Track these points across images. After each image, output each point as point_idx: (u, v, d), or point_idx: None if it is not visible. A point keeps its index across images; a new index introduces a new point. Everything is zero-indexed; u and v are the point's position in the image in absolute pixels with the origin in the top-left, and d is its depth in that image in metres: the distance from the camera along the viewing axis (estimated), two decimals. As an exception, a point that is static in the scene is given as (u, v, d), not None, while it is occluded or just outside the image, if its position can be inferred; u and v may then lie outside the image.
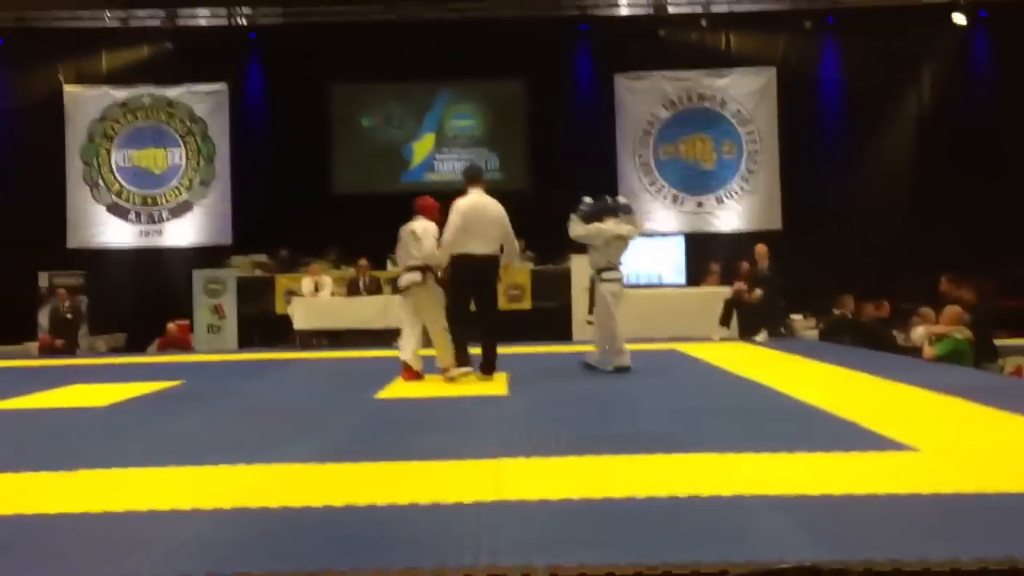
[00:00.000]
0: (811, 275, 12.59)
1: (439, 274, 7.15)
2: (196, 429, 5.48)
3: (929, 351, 8.36)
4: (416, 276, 7.16)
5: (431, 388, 6.73)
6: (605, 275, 7.56)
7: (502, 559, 2.73)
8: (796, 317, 12.55)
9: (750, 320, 10.76)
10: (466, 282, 7.05)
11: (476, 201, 7.08)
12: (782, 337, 10.98)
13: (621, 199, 8.18)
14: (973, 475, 3.65)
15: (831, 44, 14.53)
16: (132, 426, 5.67)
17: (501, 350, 7.87)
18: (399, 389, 6.79)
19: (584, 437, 4.61)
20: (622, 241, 7.62)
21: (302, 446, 4.65)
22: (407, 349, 7.28)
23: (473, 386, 6.78)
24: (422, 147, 14.97)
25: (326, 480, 3.85)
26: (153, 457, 4.38)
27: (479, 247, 6.96)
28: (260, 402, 6.62)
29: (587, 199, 7.85)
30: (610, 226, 7.53)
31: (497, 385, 6.84)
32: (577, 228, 7.55)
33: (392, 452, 4.37)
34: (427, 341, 7.40)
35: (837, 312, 11.02)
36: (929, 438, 4.37)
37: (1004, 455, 4.05)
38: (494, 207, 7.12)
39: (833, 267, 12.62)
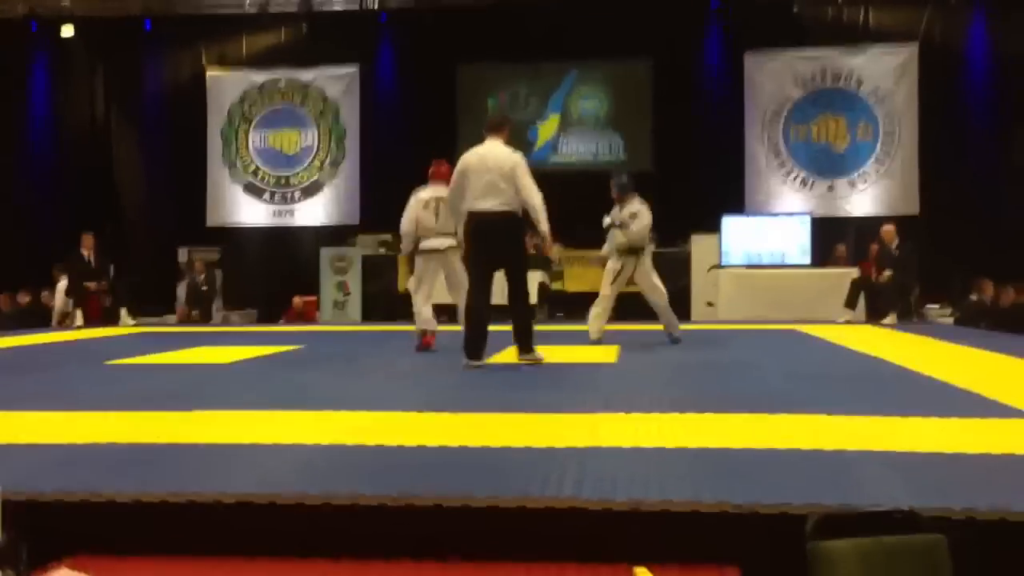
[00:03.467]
0: (950, 262, 11.99)
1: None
2: (309, 382, 5.65)
3: None
4: (453, 241, 7.00)
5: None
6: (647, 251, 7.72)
7: (585, 492, 2.70)
8: (932, 306, 11.98)
9: (878, 302, 10.30)
10: (479, 246, 6.09)
11: (478, 150, 6.08)
12: (913, 321, 10.48)
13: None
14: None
15: (979, 17, 13.73)
16: (250, 378, 5.90)
17: (614, 327, 7.81)
18: (508, 356, 6.79)
19: (688, 398, 4.51)
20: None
21: (408, 398, 4.73)
22: (432, 320, 7.23)
23: (581, 352, 6.74)
24: (547, 128, 14.95)
25: (425, 425, 3.90)
26: (264, 402, 4.54)
27: (485, 203, 5.92)
28: (373, 364, 6.77)
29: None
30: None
31: (606, 353, 6.78)
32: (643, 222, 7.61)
33: (491, 406, 4.39)
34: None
35: (974, 298, 10.43)
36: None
37: None
38: (498, 155, 5.99)
39: (974, 254, 11.98)
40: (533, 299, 10.41)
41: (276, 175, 15.43)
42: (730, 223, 12.02)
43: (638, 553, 2.51)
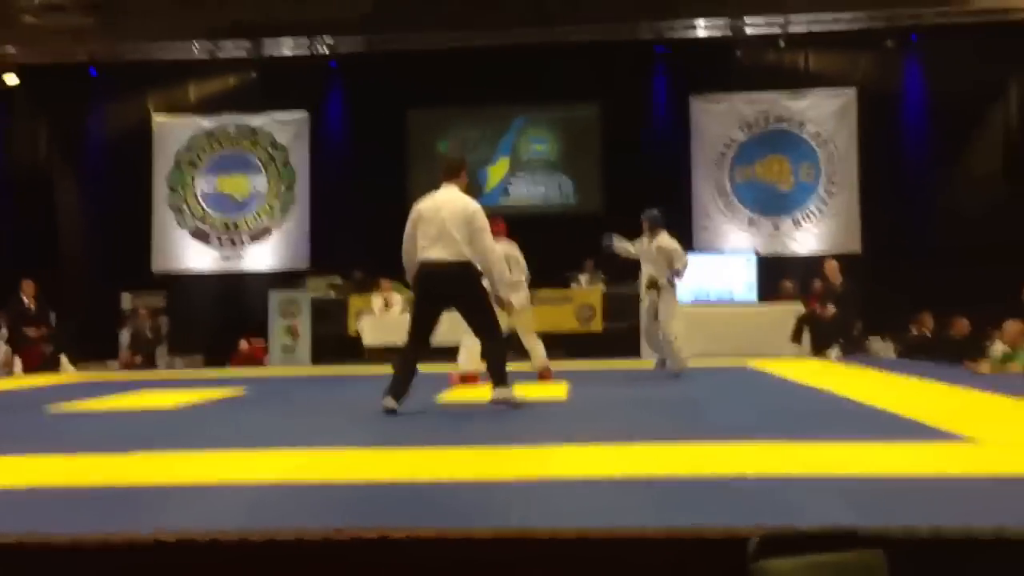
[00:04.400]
0: (892, 298, 12.22)
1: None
2: (253, 423, 5.58)
3: (984, 366, 8.02)
4: None
5: (489, 393, 6.71)
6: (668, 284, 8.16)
7: (532, 523, 2.70)
8: (875, 339, 12.20)
9: (823, 337, 10.49)
10: (423, 296, 5.78)
11: (433, 197, 5.83)
12: (856, 354, 10.67)
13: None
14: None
15: (914, 63, 14.20)
16: (195, 421, 5.82)
17: (563, 365, 7.84)
18: (458, 394, 6.80)
19: (636, 430, 4.54)
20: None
21: (355, 435, 4.69)
22: (473, 361, 7.30)
23: (532, 390, 6.74)
24: (496, 171, 15.07)
25: (371, 462, 3.87)
26: (209, 443, 4.48)
27: (434, 252, 5.64)
28: (319, 403, 6.71)
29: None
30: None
31: (557, 390, 6.80)
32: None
33: (440, 441, 4.37)
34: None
35: (915, 331, 10.66)
36: (991, 432, 4.23)
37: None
38: (452, 204, 5.71)
39: (914, 290, 12.22)
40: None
41: (225, 220, 15.32)
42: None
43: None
